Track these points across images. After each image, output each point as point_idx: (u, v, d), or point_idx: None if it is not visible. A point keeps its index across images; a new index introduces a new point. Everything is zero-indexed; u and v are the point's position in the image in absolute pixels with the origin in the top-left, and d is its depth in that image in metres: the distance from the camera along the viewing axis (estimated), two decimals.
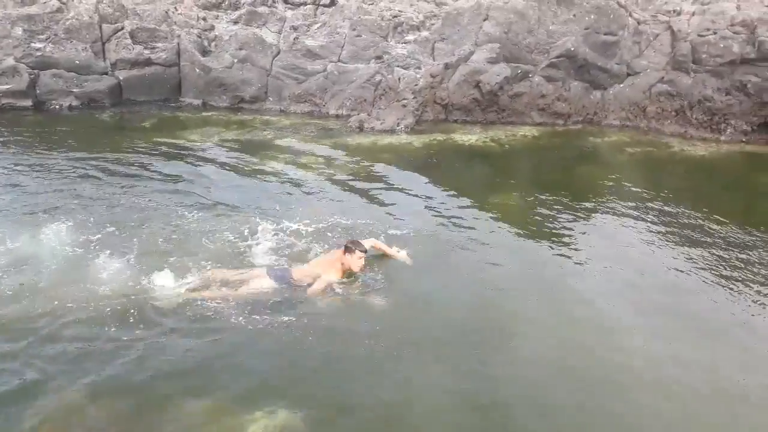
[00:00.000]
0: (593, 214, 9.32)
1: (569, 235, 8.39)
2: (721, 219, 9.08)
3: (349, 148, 12.22)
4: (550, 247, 8.01)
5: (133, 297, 6.02)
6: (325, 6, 16.29)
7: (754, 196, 11.03)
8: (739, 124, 13.84)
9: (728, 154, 13.08)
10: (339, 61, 15.09)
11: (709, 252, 8.03)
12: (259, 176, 10.27)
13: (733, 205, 10.23)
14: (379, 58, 14.92)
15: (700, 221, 9.10)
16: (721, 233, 8.65)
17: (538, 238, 8.29)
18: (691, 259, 7.82)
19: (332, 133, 13.26)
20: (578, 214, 9.19)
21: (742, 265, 7.69)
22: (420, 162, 11.58)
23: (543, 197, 9.72)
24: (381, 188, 10.02)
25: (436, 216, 8.83)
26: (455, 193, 9.86)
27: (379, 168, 11.06)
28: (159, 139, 12.00)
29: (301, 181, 10.08)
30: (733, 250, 8.09)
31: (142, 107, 14.55)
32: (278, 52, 15.25)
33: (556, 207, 9.34)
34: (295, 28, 15.64)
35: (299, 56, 15.16)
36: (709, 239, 8.45)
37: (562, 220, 8.91)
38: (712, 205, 9.77)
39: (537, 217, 9.02)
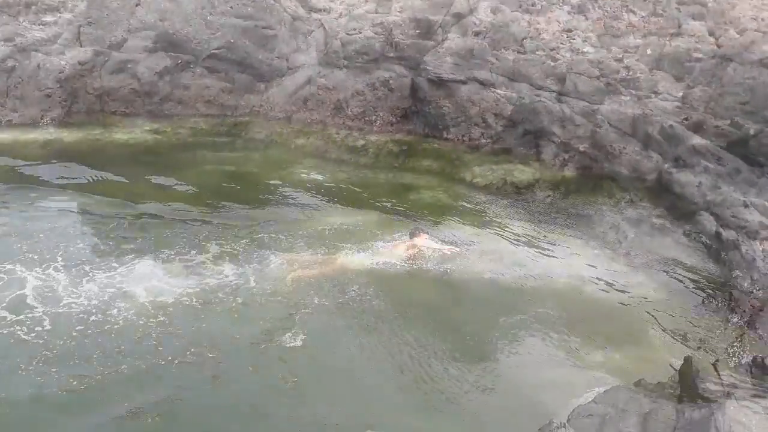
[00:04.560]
0: (263, 203, 9.42)
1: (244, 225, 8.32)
2: None
3: None
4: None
5: None
6: None
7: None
8: (386, 116, 15.50)
9: (378, 143, 14.51)
10: None
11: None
12: None
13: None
14: (9, 40, 12.70)
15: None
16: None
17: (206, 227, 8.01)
18: None
19: None
20: (251, 204, 9.18)
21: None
22: (74, 160, 10.22)
23: (216, 191, 9.46)
24: (33, 193, 8.53)
25: (83, 216, 7.83)
26: (117, 192, 8.94)
27: (26, 169, 9.43)
28: None
29: None
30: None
31: None
32: None
33: (231, 197, 9.19)
34: None
35: None
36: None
37: (234, 209, 8.80)
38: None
39: (206, 210, 8.71)
